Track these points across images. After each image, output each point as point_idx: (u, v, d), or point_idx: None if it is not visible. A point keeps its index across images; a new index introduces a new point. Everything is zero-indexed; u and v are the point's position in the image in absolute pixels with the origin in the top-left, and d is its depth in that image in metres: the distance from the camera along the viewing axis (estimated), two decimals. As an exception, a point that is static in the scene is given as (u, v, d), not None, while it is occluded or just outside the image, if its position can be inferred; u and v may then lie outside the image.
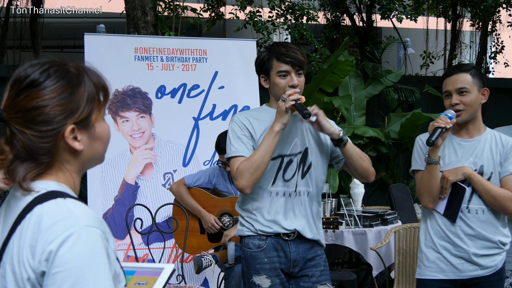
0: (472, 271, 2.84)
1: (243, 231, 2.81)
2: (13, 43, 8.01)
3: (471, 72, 2.84)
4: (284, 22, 7.27)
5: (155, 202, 4.81)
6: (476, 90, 2.83)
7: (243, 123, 2.77)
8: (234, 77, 5.16)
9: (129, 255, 4.76)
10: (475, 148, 2.87)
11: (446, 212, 2.86)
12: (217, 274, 4.59)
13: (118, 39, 5.11)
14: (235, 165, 2.70)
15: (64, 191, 1.29)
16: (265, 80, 2.83)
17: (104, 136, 1.36)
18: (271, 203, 2.76)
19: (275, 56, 2.75)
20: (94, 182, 4.79)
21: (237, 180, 2.68)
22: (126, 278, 1.42)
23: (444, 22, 9.73)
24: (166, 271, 1.45)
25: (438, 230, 2.88)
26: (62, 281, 1.19)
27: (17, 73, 1.30)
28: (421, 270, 2.93)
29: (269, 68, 2.77)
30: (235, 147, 2.73)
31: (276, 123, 2.67)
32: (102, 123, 1.36)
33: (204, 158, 5.05)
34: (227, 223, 4.28)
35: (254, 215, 2.78)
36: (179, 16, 6.68)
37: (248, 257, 2.79)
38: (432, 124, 2.77)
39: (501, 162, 2.85)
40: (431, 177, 2.81)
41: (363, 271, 5.58)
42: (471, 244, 2.83)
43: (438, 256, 2.87)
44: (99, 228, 1.25)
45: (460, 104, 2.82)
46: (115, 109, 4.87)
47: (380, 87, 7.46)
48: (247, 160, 2.67)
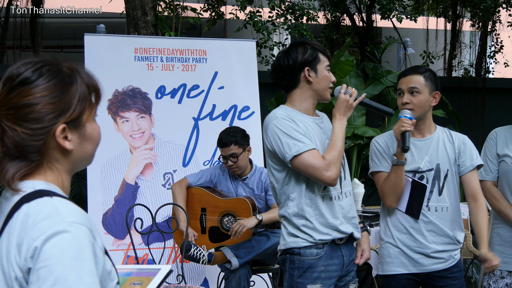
0: (432, 265, 2.94)
1: (298, 243, 2.67)
2: (13, 43, 8.02)
3: (425, 75, 2.96)
4: (284, 22, 7.28)
5: (155, 202, 4.81)
6: (427, 92, 2.94)
7: (291, 119, 2.66)
8: (234, 77, 5.16)
9: (129, 255, 4.76)
10: (429, 147, 2.97)
11: (408, 210, 2.95)
12: (217, 274, 4.59)
13: (118, 39, 5.11)
14: (314, 158, 2.58)
15: (51, 190, 1.30)
16: (309, 73, 2.71)
17: (94, 137, 1.37)
18: (326, 208, 2.68)
19: (320, 51, 2.74)
20: (94, 182, 4.79)
21: (328, 171, 2.57)
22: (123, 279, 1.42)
23: (444, 22, 9.73)
24: (162, 272, 1.45)
25: (400, 227, 2.97)
26: (46, 276, 1.18)
27: (10, 71, 1.31)
28: (383, 266, 3.03)
29: (318, 61, 2.72)
30: (303, 141, 2.61)
31: (344, 116, 2.70)
32: (93, 123, 1.37)
33: (204, 158, 5.05)
34: (229, 223, 4.27)
35: (311, 223, 2.66)
36: (179, 16, 6.68)
37: (305, 266, 2.66)
38: (398, 129, 2.85)
39: (456, 158, 2.96)
40: (398, 178, 2.90)
41: (363, 271, 5.58)
42: (432, 239, 2.93)
43: (399, 251, 2.97)
44: (85, 225, 1.25)
45: (410, 103, 2.93)
46: (115, 109, 4.87)
47: (380, 87, 7.47)
48: (333, 151, 2.62)
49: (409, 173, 2.97)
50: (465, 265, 5.01)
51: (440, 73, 9.62)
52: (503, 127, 3.38)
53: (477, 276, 5.67)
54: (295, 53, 2.72)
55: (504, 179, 3.30)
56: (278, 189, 2.73)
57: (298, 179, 2.67)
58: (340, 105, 2.71)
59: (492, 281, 3.31)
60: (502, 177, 3.31)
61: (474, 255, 4.59)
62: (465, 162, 2.96)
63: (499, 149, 3.30)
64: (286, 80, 2.74)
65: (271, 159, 2.73)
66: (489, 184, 3.34)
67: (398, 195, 2.93)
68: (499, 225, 3.35)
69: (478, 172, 3.25)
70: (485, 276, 3.42)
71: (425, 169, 2.96)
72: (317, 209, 2.66)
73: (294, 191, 2.68)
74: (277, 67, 2.77)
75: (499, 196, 3.30)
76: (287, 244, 2.69)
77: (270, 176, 2.76)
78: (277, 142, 2.64)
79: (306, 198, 2.66)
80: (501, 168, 3.30)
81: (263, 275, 4.58)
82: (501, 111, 8.38)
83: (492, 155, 3.32)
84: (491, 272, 2.90)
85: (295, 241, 2.68)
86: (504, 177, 3.30)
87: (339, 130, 2.68)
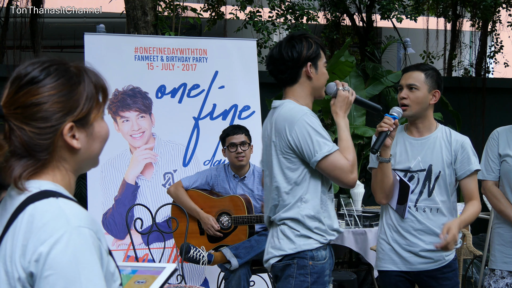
0: (421, 264, 2.95)
1: (311, 244, 2.55)
2: (13, 43, 8.00)
3: (427, 73, 2.97)
4: (284, 22, 7.28)
5: (155, 202, 4.80)
6: (426, 89, 2.94)
7: (316, 118, 2.58)
8: (234, 76, 5.16)
9: (129, 255, 4.76)
10: (424, 147, 2.97)
11: (397, 207, 2.97)
12: (217, 274, 4.59)
13: (118, 39, 5.11)
14: (341, 159, 2.51)
15: (57, 190, 1.29)
16: (311, 69, 2.62)
17: (102, 135, 1.37)
18: (332, 209, 2.64)
19: (321, 47, 2.67)
20: (94, 182, 4.78)
21: (353, 173, 2.53)
22: (127, 277, 1.41)
23: (444, 22, 9.72)
24: (167, 270, 1.45)
25: (391, 224, 2.99)
26: (55, 283, 1.19)
27: (18, 71, 1.31)
28: (377, 262, 3.07)
29: (319, 57, 2.65)
30: (330, 141, 2.55)
31: (346, 114, 2.66)
32: (101, 122, 1.37)
33: (204, 158, 5.04)
34: (226, 222, 4.28)
35: (323, 224, 2.58)
36: (179, 16, 6.68)
37: (318, 270, 2.55)
38: (377, 129, 2.84)
39: (451, 161, 2.94)
40: (383, 175, 2.91)
41: (363, 271, 5.58)
42: (420, 239, 2.93)
43: (390, 248, 2.99)
44: (91, 228, 1.25)
45: (407, 99, 2.93)
46: (115, 109, 4.86)
47: (381, 87, 7.46)
48: (351, 151, 2.56)
49: (400, 172, 2.97)
50: (465, 265, 5.00)
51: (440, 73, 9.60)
52: (504, 127, 3.37)
53: (477, 276, 5.66)
54: (300, 46, 2.60)
55: (505, 179, 3.30)
56: (287, 189, 2.57)
57: (314, 179, 2.57)
58: (342, 102, 2.66)
59: (493, 281, 3.30)
60: (503, 177, 3.30)
61: (474, 255, 4.59)
62: (462, 167, 2.94)
63: (500, 149, 3.30)
64: (287, 74, 2.61)
65: (286, 156, 2.56)
66: (490, 184, 3.33)
67: (385, 192, 2.93)
68: (500, 225, 3.34)
69: (479, 172, 3.25)
70: (486, 276, 3.42)
71: (416, 169, 2.95)
72: (326, 210, 2.60)
73: (308, 192, 2.56)
74: (279, 59, 2.62)
75: (501, 196, 3.30)
76: (297, 248, 2.54)
77: (278, 175, 2.58)
78: (307, 139, 2.50)
79: (320, 199, 2.57)
80: (502, 168, 3.30)
81: (263, 275, 4.58)
82: (501, 111, 8.38)
83: (493, 155, 3.32)
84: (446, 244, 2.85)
85: (308, 243, 2.55)
86: (505, 177, 3.29)
87: (346, 129, 2.64)
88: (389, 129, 2.80)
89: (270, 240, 2.65)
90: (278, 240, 2.59)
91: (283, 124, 2.55)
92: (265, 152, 2.71)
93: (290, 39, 2.65)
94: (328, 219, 2.60)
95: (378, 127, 2.83)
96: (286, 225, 2.58)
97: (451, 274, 2.98)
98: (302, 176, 2.56)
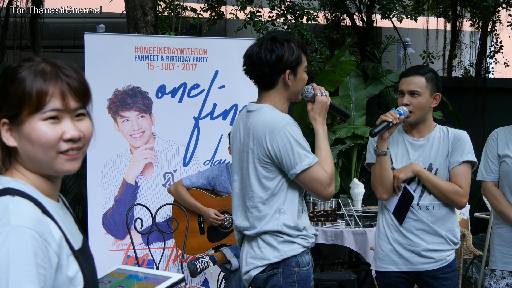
0: (423, 264, 2.94)
1: (296, 250, 2.46)
2: (13, 43, 8.01)
3: (427, 76, 2.96)
4: (284, 22, 7.27)
5: (155, 202, 4.80)
6: (428, 94, 2.94)
7: (297, 127, 2.50)
8: (234, 76, 5.15)
9: (129, 255, 4.76)
10: (424, 147, 2.97)
11: (395, 212, 2.96)
12: (217, 274, 4.59)
13: (118, 39, 5.10)
14: (321, 172, 2.43)
15: (19, 188, 1.30)
16: (289, 76, 2.50)
17: (32, 138, 1.32)
18: (306, 217, 2.56)
19: (303, 50, 2.53)
20: (94, 182, 4.78)
21: (331, 186, 2.46)
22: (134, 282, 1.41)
23: (444, 22, 9.72)
24: (170, 281, 1.43)
25: (392, 224, 2.98)
26: None
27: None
28: (376, 262, 3.05)
29: (300, 63, 2.52)
30: (310, 153, 2.45)
31: (324, 120, 2.57)
32: (32, 124, 1.32)
33: (205, 158, 5.04)
34: (227, 221, 4.28)
35: (302, 231, 2.50)
36: (179, 16, 6.67)
37: (304, 277, 2.47)
38: (381, 117, 2.86)
39: (448, 155, 2.94)
40: (382, 169, 2.91)
41: (363, 271, 5.58)
42: (422, 238, 2.93)
43: (391, 248, 2.97)
44: (33, 229, 1.24)
45: (410, 105, 2.93)
46: (115, 109, 4.86)
47: (381, 87, 7.45)
48: (330, 162, 2.48)
49: None
50: (465, 265, 5.00)
51: (440, 73, 9.61)
52: (503, 127, 3.37)
53: (477, 276, 5.66)
54: (281, 51, 2.47)
55: (504, 180, 3.30)
56: (263, 199, 2.47)
57: (291, 189, 2.49)
58: (321, 108, 2.56)
59: (493, 281, 3.30)
60: (502, 178, 3.31)
61: (474, 255, 4.59)
62: (454, 157, 2.93)
63: (499, 150, 3.30)
64: (264, 79, 2.51)
65: (264, 165, 2.46)
66: (490, 184, 3.33)
67: (385, 187, 2.93)
68: (500, 225, 3.34)
69: (479, 173, 3.25)
70: (486, 277, 3.42)
71: None
72: (301, 218, 2.50)
73: (285, 203, 2.47)
74: (257, 62, 2.50)
75: (500, 197, 3.30)
76: (283, 255, 2.44)
77: (255, 184, 2.47)
78: (288, 150, 2.40)
79: (297, 209, 2.49)
80: (501, 168, 3.30)
81: (263, 275, 4.57)
82: (501, 111, 8.37)
83: (493, 156, 3.32)
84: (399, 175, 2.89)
85: (293, 249, 2.46)
86: (504, 178, 3.29)
87: (325, 137, 2.54)
88: (392, 121, 2.83)
89: (249, 250, 2.52)
90: (260, 249, 2.47)
91: (263, 132, 2.44)
92: (237, 157, 2.58)
93: (272, 41, 2.51)
94: (308, 228, 2.55)
95: (382, 116, 2.86)
96: (267, 233, 2.47)
97: (452, 274, 2.98)
98: (279, 186, 2.46)
